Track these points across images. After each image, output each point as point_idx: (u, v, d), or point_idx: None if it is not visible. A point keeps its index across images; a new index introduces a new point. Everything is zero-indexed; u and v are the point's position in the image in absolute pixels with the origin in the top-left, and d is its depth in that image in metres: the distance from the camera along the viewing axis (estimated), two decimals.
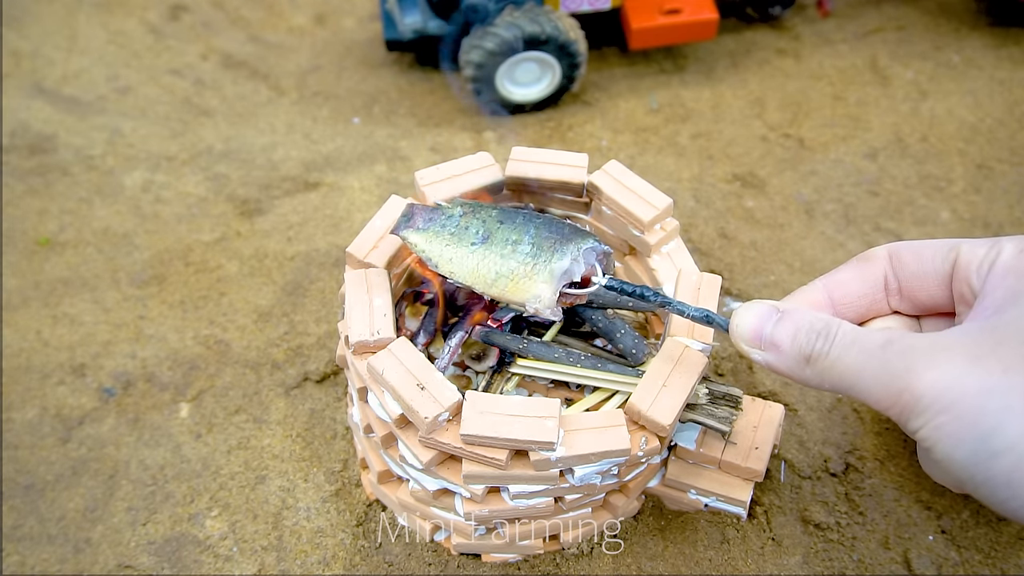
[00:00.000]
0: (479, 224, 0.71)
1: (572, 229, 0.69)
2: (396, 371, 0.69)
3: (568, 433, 0.68)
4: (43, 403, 0.99)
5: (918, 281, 0.58)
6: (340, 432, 0.95)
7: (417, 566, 0.84)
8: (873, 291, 0.60)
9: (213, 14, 1.66)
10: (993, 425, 0.43)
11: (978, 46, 1.50)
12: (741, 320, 0.57)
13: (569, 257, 0.67)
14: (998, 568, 0.82)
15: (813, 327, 0.53)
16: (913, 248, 0.58)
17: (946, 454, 0.46)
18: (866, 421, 0.94)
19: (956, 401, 0.44)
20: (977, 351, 0.45)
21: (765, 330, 0.56)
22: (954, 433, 0.45)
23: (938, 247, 0.57)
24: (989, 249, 0.53)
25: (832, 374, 0.52)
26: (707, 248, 1.15)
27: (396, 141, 1.35)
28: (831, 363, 0.52)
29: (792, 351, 0.54)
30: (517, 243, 0.68)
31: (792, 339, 0.54)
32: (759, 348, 0.57)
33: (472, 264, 0.69)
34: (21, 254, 1.17)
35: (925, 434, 0.46)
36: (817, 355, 0.53)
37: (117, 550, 0.87)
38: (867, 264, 0.60)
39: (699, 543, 0.84)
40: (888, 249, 0.60)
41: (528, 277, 0.67)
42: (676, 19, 1.39)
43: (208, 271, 1.14)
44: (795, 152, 1.32)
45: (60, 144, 1.34)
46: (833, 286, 0.61)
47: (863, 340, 0.51)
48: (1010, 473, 0.43)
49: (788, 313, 0.56)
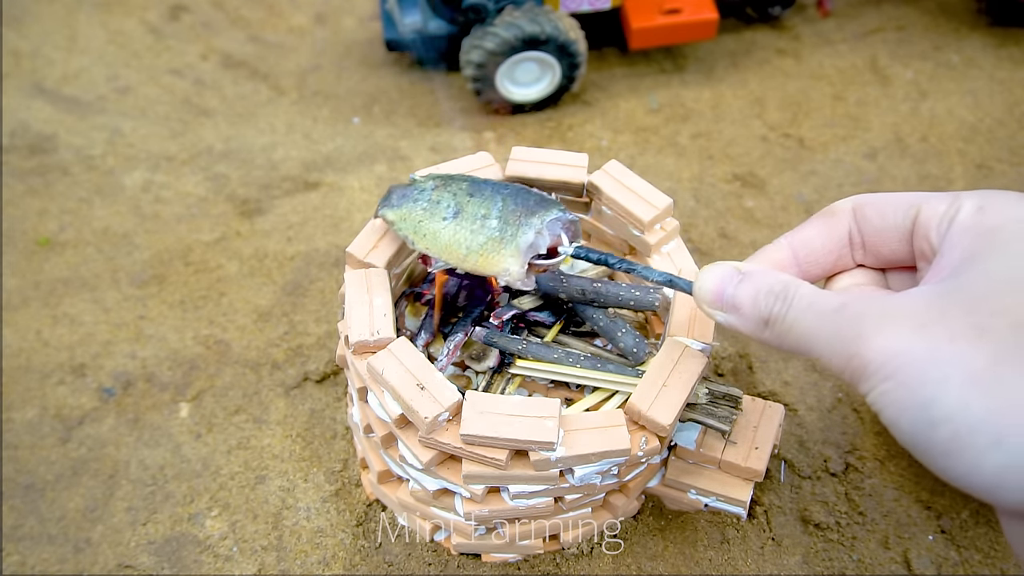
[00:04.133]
0: (450, 198, 0.72)
1: (538, 200, 0.70)
2: (396, 371, 0.69)
3: (568, 433, 0.68)
4: (43, 403, 0.99)
5: (880, 236, 0.57)
6: (340, 432, 0.95)
7: (417, 566, 0.84)
8: (838, 247, 0.60)
9: (213, 14, 1.66)
10: (933, 394, 0.43)
11: (978, 46, 1.50)
12: (703, 282, 0.58)
13: (533, 231, 0.68)
14: (998, 568, 0.82)
15: (772, 289, 0.53)
16: (877, 202, 0.58)
17: (891, 421, 0.46)
18: (866, 421, 0.94)
19: (900, 368, 0.45)
20: (925, 318, 0.45)
21: (727, 291, 0.56)
22: (897, 400, 0.45)
23: (900, 202, 0.56)
24: (949, 206, 0.52)
25: (789, 337, 0.52)
26: (707, 248, 1.15)
27: (396, 141, 1.35)
28: (788, 326, 0.52)
29: (752, 313, 0.54)
30: (486, 217, 0.70)
31: (752, 302, 0.54)
32: (721, 310, 0.57)
33: (445, 240, 0.71)
34: (21, 254, 1.17)
35: (871, 399, 0.47)
36: (775, 318, 0.53)
37: (117, 550, 0.87)
38: (831, 219, 0.60)
39: (699, 543, 0.84)
40: (853, 202, 0.59)
41: (497, 252, 0.69)
42: (676, 19, 1.39)
43: (208, 271, 1.14)
44: (795, 152, 1.32)
45: (60, 144, 1.34)
46: (798, 244, 0.61)
47: (818, 303, 0.51)
48: (948, 442, 0.43)
49: (749, 275, 0.56)
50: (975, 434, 0.42)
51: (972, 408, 0.42)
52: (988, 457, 0.42)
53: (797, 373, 0.99)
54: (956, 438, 0.43)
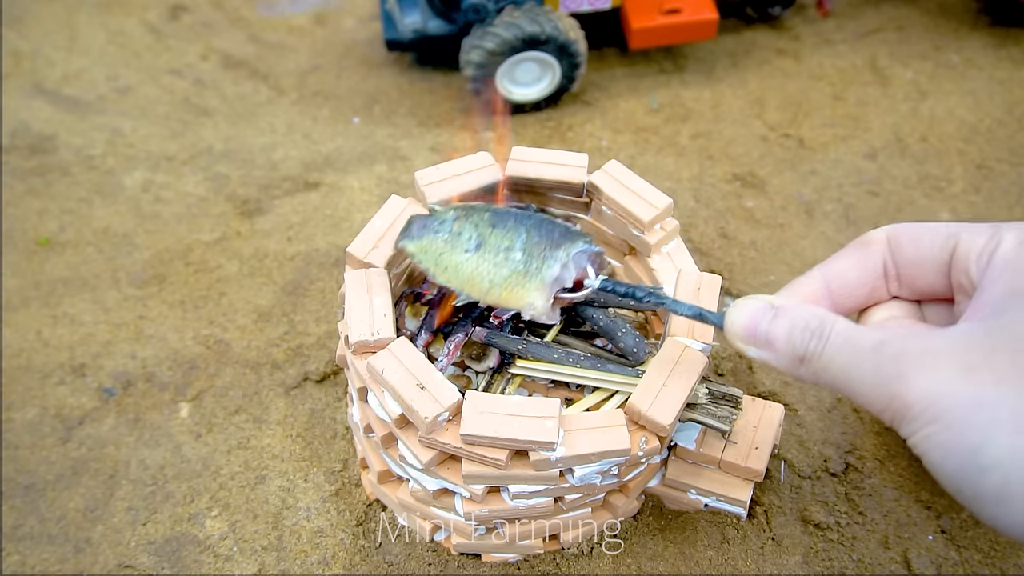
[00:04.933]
0: (472, 229, 0.71)
1: (563, 232, 0.69)
2: (396, 371, 0.69)
3: (568, 433, 0.68)
4: (43, 403, 0.99)
5: (917, 268, 0.56)
6: (340, 432, 0.95)
7: (417, 566, 0.84)
8: (872, 279, 0.58)
9: (213, 14, 1.66)
10: (981, 440, 0.42)
11: (978, 46, 1.50)
12: (736, 317, 0.57)
13: (559, 264, 0.67)
14: (998, 568, 0.82)
15: (808, 325, 0.52)
16: (912, 233, 0.56)
17: (935, 465, 0.45)
18: (866, 421, 0.94)
19: (945, 412, 0.43)
20: (969, 359, 0.44)
21: (760, 327, 0.55)
22: (943, 444, 0.44)
23: (937, 233, 0.55)
24: (989, 239, 0.51)
25: (826, 375, 0.51)
26: (707, 248, 1.15)
27: (396, 141, 1.35)
28: (824, 364, 0.51)
29: (786, 350, 0.53)
30: (509, 250, 0.68)
31: (787, 338, 0.53)
32: (754, 345, 0.56)
33: (467, 272, 0.70)
34: (21, 254, 1.17)
35: (915, 442, 0.46)
36: (811, 355, 0.51)
37: (117, 550, 0.87)
38: (865, 251, 0.58)
39: (699, 543, 0.84)
40: (887, 233, 0.58)
41: (521, 285, 0.67)
42: (676, 19, 1.39)
43: (208, 271, 1.14)
44: (795, 152, 1.32)
45: (60, 144, 1.34)
46: (831, 276, 0.59)
47: (856, 341, 0.49)
48: (998, 490, 0.42)
49: (782, 310, 0.54)
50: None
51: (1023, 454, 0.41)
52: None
53: None
54: (1007, 485, 0.42)
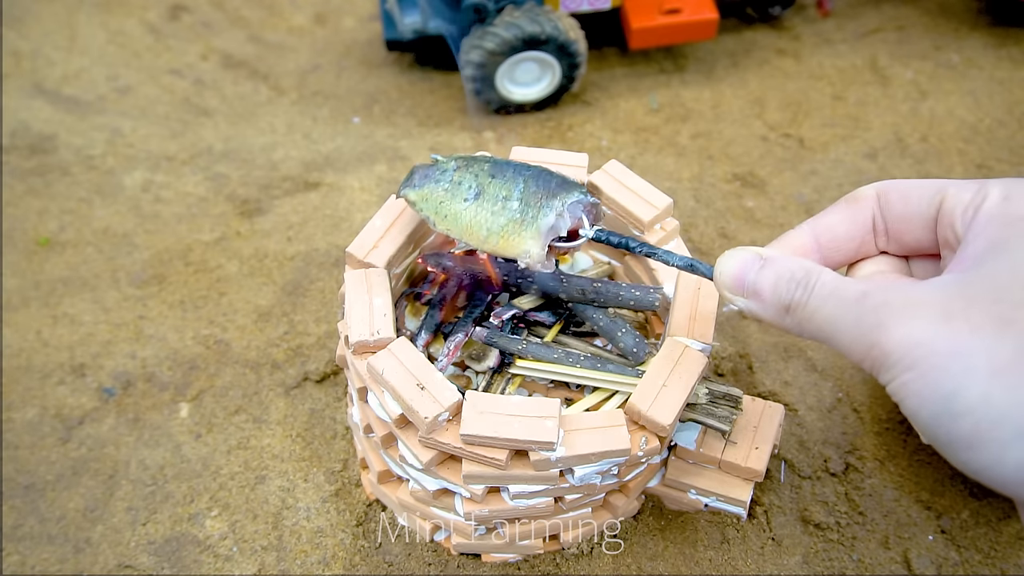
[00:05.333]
0: (472, 179, 0.72)
1: (560, 182, 0.70)
2: (396, 371, 0.69)
3: (568, 433, 0.68)
4: (43, 403, 0.99)
5: (904, 223, 0.57)
6: (340, 432, 0.95)
7: (417, 566, 0.84)
8: (861, 233, 0.59)
9: (213, 14, 1.66)
10: (955, 387, 0.43)
11: (978, 46, 1.50)
12: (724, 267, 0.57)
13: (554, 213, 0.68)
14: (998, 568, 0.82)
15: (794, 276, 0.53)
16: (901, 189, 0.57)
17: (911, 411, 0.46)
18: (866, 421, 0.94)
19: (921, 360, 0.44)
20: (948, 308, 0.45)
21: (748, 277, 0.55)
22: (919, 392, 0.45)
23: (925, 188, 0.55)
24: (975, 194, 0.51)
25: (810, 324, 0.51)
26: (707, 248, 1.15)
27: (396, 141, 1.35)
28: (809, 314, 0.51)
29: (773, 300, 0.54)
30: (507, 199, 0.70)
31: (773, 288, 0.54)
32: (742, 295, 0.56)
33: (466, 221, 0.71)
34: (21, 254, 1.17)
35: (892, 389, 0.46)
36: (796, 304, 0.52)
37: (117, 550, 0.87)
38: (855, 205, 0.59)
39: (699, 543, 0.84)
40: (876, 189, 0.58)
41: (517, 234, 0.69)
42: (676, 19, 1.39)
43: (208, 271, 1.14)
44: (795, 152, 1.32)
45: (60, 144, 1.34)
46: (821, 229, 0.60)
47: (840, 291, 0.50)
48: (970, 435, 0.43)
49: (770, 260, 0.55)
50: (997, 427, 0.42)
51: (995, 401, 0.42)
52: (1011, 450, 0.42)
53: (797, 373, 0.99)
54: (978, 431, 0.43)
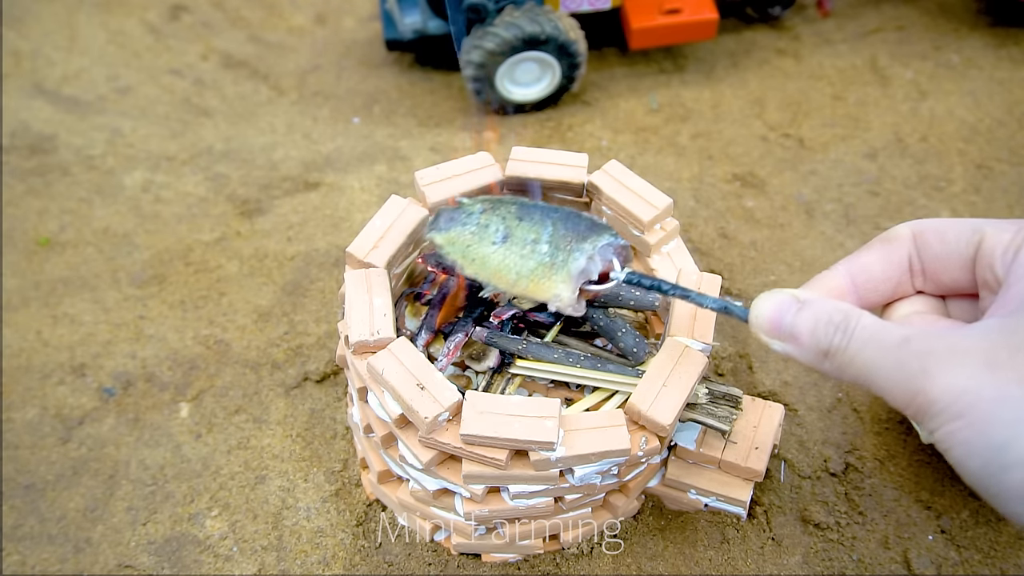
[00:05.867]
0: (499, 221, 0.71)
1: (589, 225, 0.70)
2: (396, 371, 0.69)
3: (568, 433, 0.68)
4: (43, 403, 0.99)
5: (941, 263, 0.56)
6: (340, 432, 0.95)
7: (417, 566, 0.84)
8: (898, 274, 0.58)
9: (213, 14, 1.66)
10: (1006, 437, 0.42)
11: (978, 46, 1.50)
12: (760, 310, 0.56)
13: (585, 257, 0.67)
14: (998, 568, 0.82)
15: (832, 320, 0.52)
16: (937, 228, 0.56)
17: (958, 461, 0.45)
18: (866, 421, 0.94)
19: (969, 408, 0.43)
20: (993, 356, 0.44)
21: (785, 320, 0.54)
22: (967, 441, 0.44)
23: (962, 229, 0.55)
24: (1015, 235, 0.51)
25: (850, 370, 0.51)
26: (707, 248, 1.15)
27: (396, 141, 1.35)
28: (849, 359, 0.50)
29: (811, 344, 0.53)
30: (536, 242, 0.69)
31: (811, 332, 0.53)
32: (779, 339, 0.55)
33: (494, 264, 0.70)
34: (21, 254, 1.17)
35: (939, 437, 0.46)
36: (835, 350, 0.51)
37: (117, 550, 0.87)
38: (890, 246, 0.58)
39: (699, 543, 0.84)
40: (912, 228, 0.57)
41: (547, 277, 0.68)
42: (676, 19, 1.39)
43: (208, 271, 1.14)
44: (795, 152, 1.32)
45: (60, 144, 1.34)
46: (856, 270, 0.59)
47: (881, 336, 0.49)
48: (1022, 486, 0.42)
49: (808, 303, 0.54)
50: None
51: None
52: None
53: (797, 373, 0.99)
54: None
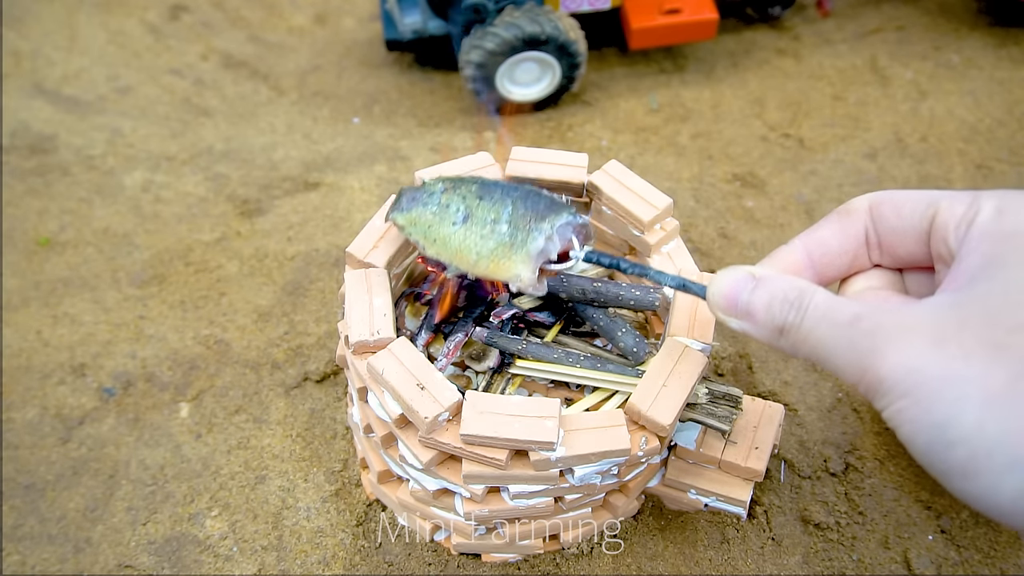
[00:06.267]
0: (459, 201, 0.71)
1: (548, 204, 0.69)
2: (396, 371, 0.69)
3: (568, 433, 0.68)
4: (43, 403, 0.99)
5: (897, 237, 0.56)
6: (340, 432, 0.95)
7: (417, 566, 0.84)
8: (854, 247, 0.58)
9: (213, 14, 1.66)
10: (949, 415, 0.42)
11: (978, 46, 1.50)
12: (717, 287, 0.56)
13: (543, 236, 0.67)
14: (997, 568, 0.82)
15: (787, 297, 0.52)
16: (894, 201, 0.56)
17: (907, 439, 0.45)
18: (866, 421, 0.94)
19: (916, 387, 0.44)
20: (941, 333, 0.44)
21: (741, 298, 0.55)
22: (913, 419, 0.44)
23: (918, 202, 0.54)
24: (968, 207, 0.50)
25: (804, 347, 0.51)
26: (707, 248, 1.15)
27: (396, 141, 1.35)
28: (803, 337, 0.51)
29: (766, 321, 0.53)
30: (496, 222, 0.69)
31: (766, 309, 0.53)
32: (735, 317, 0.55)
33: (455, 245, 0.70)
34: (21, 254, 1.17)
35: (887, 416, 0.46)
36: (789, 327, 0.51)
37: (117, 550, 0.87)
38: (847, 219, 0.58)
39: (699, 543, 0.84)
40: (869, 201, 0.57)
41: (507, 257, 0.68)
42: (676, 19, 1.40)
43: (208, 271, 1.14)
44: (795, 152, 1.32)
45: (60, 144, 1.34)
46: (813, 245, 0.59)
47: (833, 314, 0.49)
48: (964, 464, 0.43)
49: (763, 280, 0.54)
50: (992, 456, 0.41)
51: (988, 430, 0.41)
52: (1006, 480, 0.41)
53: (797, 373, 0.99)
54: (973, 460, 0.42)
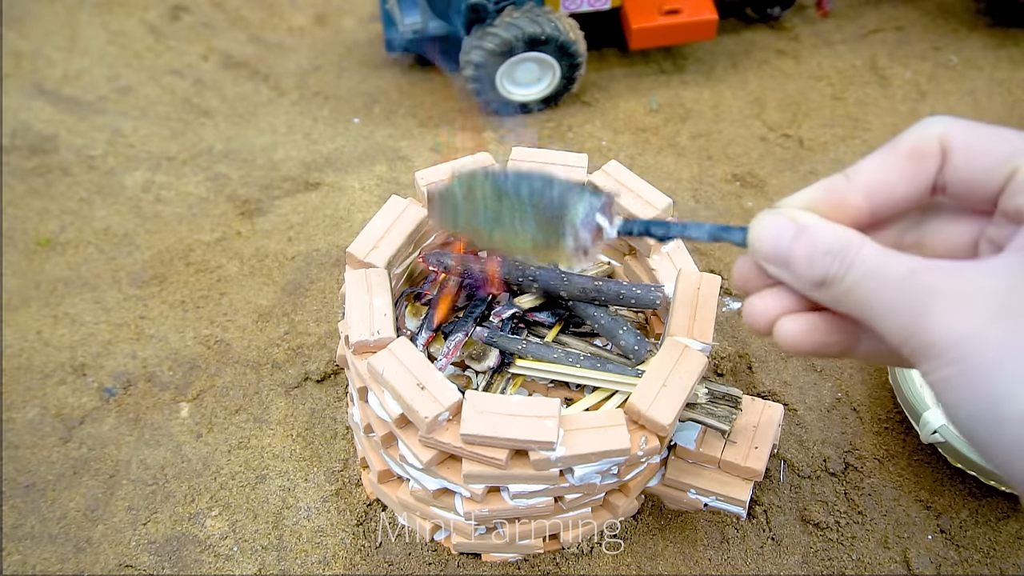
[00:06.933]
0: (483, 207, 0.66)
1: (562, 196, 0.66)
2: (396, 371, 0.69)
3: (568, 433, 0.68)
4: (44, 403, 0.99)
5: (966, 187, 0.50)
6: (340, 432, 0.95)
7: (417, 566, 0.84)
8: (920, 195, 0.52)
9: (213, 14, 1.66)
10: (1006, 390, 0.39)
11: (978, 46, 1.50)
12: (756, 235, 0.52)
13: (570, 239, 0.65)
14: (997, 568, 0.82)
15: (830, 248, 0.48)
16: (968, 148, 0.50)
17: (949, 406, 0.42)
18: (865, 421, 0.94)
19: (968, 355, 0.41)
20: (1006, 301, 0.41)
21: (781, 246, 0.51)
22: (961, 388, 0.41)
23: (996, 154, 0.48)
24: None
25: (847, 300, 0.47)
26: (707, 248, 1.15)
27: (396, 141, 1.35)
28: (846, 290, 0.47)
29: (806, 273, 0.50)
30: (521, 224, 0.64)
31: (807, 260, 0.49)
32: (776, 265, 0.52)
33: (499, 243, 0.67)
34: (21, 254, 1.17)
35: (931, 381, 0.43)
36: (832, 279, 0.48)
37: (118, 550, 0.87)
38: (920, 164, 0.51)
39: (699, 543, 0.84)
40: (941, 141, 0.51)
41: (550, 253, 0.65)
42: (676, 19, 1.40)
43: (208, 271, 1.14)
44: (795, 152, 1.32)
45: (61, 144, 1.34)
46: (878, 187, 0.52)
47: (883, 267, 0.46)
48: (1014, 443, 0.40)
49: (805, 229, 0.50)
50: None
51: None
52: None
53: (797, 373, 0.99)
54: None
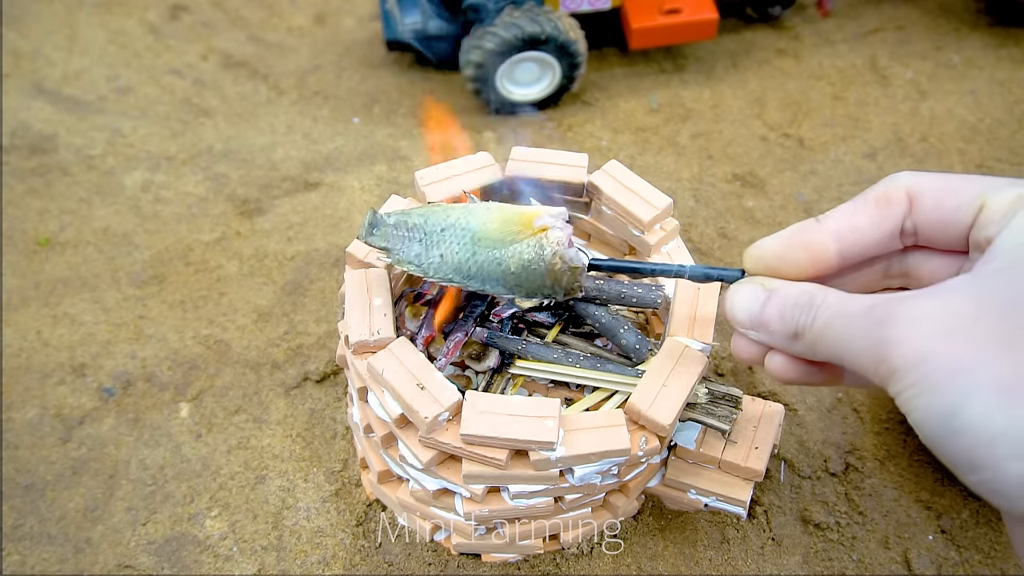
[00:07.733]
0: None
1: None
2: (396, 371, 0.69)
3: (568, 433, 0.68)
4: (43, 403, 0.99)
5: (937, 229, 0.54)
6: (340, 432, 0.95)
7: (417, 566, 0.84)
8: (890, 236, 0.56)
9: (213, 14, 1.66)
10: (957, 402, 0.43)
11: (978, 46, 1.50)
12: (731, 305, 0.59)
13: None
14: (998, 568, 0.82)
15: (798, 302, 0.54)
16: (935, 192, 0.53)
17: (917, 424, 0.46)
18: (866, 421, 0.94)
19: (927, 375, 0.44)
20: (954, 322, 0.45)
21: (754, 310, 0.57)
22: (923, 406, 0.45)
23: (962, 195, 0.52)
24: (1013, 201, 0.49)
25: (820, 346, 0.52)
26: (707, 248, 1.15)
27: (396, 141, 1.35)
28: (817, 336, 0.52)
29: (781, 329, 0.55)
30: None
31: (780, 318, 0.55)
32: (753, 329, 0.58)
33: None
34: (21, 254, 1.17)
35: (899, 402, 0.47)
36: (803, 329, 0.53)
37: (117, 550, 0.87)
38: (887, 209, 0.55)
39: (699, 543, 0.84)
40: (907, 190, 0.54)
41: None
42: (676, 19, 1.40)
43: (208, 271, 1.14)
44: (795, 152, 1.32)
45: (60, 144, 1.34)
46: (846, 231, 0.56)
47: (845, 308, 0.51)
48: (970, 451, 0.43)
49: (774, 292, 0.56)
50: (996, 445, 0.42)
51: (994, 419, 0.42)
52: (1009, 468, 0.42)
53: None
54: (977, 448, 0.43)
